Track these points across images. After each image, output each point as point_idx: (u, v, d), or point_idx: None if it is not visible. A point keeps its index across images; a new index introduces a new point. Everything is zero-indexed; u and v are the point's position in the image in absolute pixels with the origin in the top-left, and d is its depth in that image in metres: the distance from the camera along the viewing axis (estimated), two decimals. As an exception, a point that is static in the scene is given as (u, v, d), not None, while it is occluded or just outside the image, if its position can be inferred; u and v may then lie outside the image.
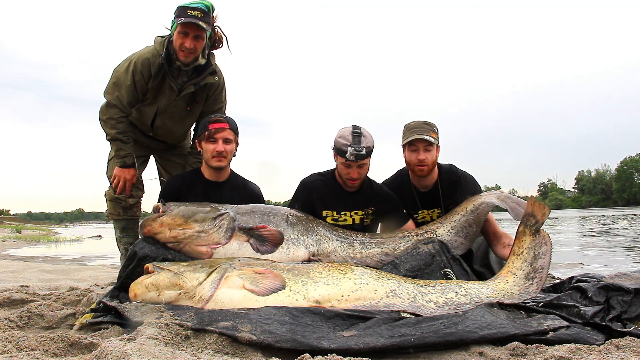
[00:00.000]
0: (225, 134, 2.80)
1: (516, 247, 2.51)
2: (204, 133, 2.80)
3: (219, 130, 2.79)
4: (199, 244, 2.49)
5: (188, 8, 2.95)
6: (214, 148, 2.78)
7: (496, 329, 1.88)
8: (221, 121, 2.82)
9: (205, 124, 2.84)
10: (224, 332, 1.77)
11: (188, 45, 3.00)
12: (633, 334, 1.89)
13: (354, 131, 2.79)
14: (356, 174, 2.83)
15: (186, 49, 3.01)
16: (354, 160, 2.76)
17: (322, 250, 2.67)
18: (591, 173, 76.89)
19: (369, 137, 2.81)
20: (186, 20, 2.92)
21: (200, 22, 2.94)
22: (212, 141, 2.78)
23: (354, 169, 2.82)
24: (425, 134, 2.92)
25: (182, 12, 2.95)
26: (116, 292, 2.35)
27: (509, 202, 2.86)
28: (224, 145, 2.79)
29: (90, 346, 1.72)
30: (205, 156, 2.83)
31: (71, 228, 42.39)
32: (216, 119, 2.83)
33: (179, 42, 3.01)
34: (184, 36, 2.99)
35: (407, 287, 2.22)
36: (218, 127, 2.79)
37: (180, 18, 2.94)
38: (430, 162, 2.96)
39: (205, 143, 2.81)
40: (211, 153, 2.79)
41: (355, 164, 2.79)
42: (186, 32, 2.98)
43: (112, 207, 3.35)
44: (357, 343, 1.75)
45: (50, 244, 14.52)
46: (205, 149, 2.81)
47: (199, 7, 2.96)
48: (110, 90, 3.14)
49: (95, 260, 7.76)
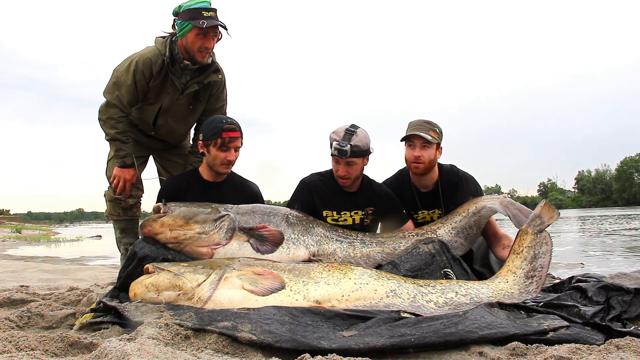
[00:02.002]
0: (237, 143, 2.80)
1: (516, 245, 2.51)
2: (217, 140, 2.75)
3: (232, 140, 2.77)
4: (199, 245, 2.49)
5: (202, 9, 2.96)
6: (225, 156, 2.77)
7: (496, 329, 1.88)
8: (235, 130, 2.79)
9: (218, 131, 2.75)
10: (224, 332, 1.77)
11: (210, 46, 3.03)
12: (633, 334, 1.89)
13: (347, 129, 2.80)
14: (344, 171, 2.82)
15: (207, 50, 3.03)
16: (338, 156, 2.77)
17: (323, 251, 2.68)
18: (591, 173, 76.90)
19: (362, 138, 2.79)
20: (209, 24, 2.94)
21: (218, 22, 2.98)
22: (224, 150, 2.77)
23: (342, 166, 2.82)
24: (423, 131, 2.93)
25: (197, 14, 2.96)
26: (116, 292, 2.35)
27: (511, 208, 2.84)
28: (235, 153, 2.81)
29: (90, 346, 1.72)
30: (214, 162, 2.80)
31: (71, 228, 42.38)
32: (230, 127, 2.77)
33: (199, 44, 3.01)
34: (204, 37, 3.00)
35: (407, 287, 2.22)
36: (232, 137, 2.77)
37: (199, 20, 2.94)
38: (426, 160, 2.95)
39: (216, 150, 2.77)
40: (221, 161, 2.78)
41: (342, 160, 2.79)
42: (207, 33, 3.00)
43: (112, 208, 3.35)
44: (357, 343, 1.76)
45: (50, 244, 14.53)
46: (216, 155, 2.78)
47: (210, 7, 2.99)
48: (110, 89, 3.13)
49: (95, 260, 7.76)
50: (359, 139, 2.78)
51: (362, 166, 2.88)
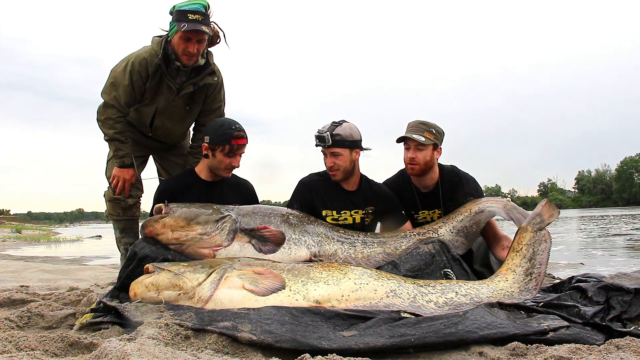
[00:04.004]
0: (243, 150, 2.83)
1: (516, 243, 2.52)
2: (225, 146, 2.74)
3: (240, 147, 2.79)
4: (201, 246, 2.48)
5: (188, 12, 2.91)
6: (230, 162, 2.79)
7: (496, 329, 1.88)
8: (243, 137, 2.80)
9: (227, 137, 2.74)
10: (224, 332, 1.77)
11: (192, 50, 2.98)
12: (633, 334, 1.89)
13: (334, 121, 2.86)
14: (330, 162, 2.84)
15: (190, 54, 3.00)
16: (319, 143, 2.83)
17: (324, 251, 2.67)
18: (591, 173, 76.90)
19: (346, 130, 2.82)
20: (189, 28, 2.89)
21: (203, 26, 2.92)
22: (231, 156, 2.78)
23: (328, 158, 2.85)
24: (418, 133, 2.93)
25: (182, 17, 2.92)
26: (116, 292, 2.35)
27: (514, 212, 2.82)
28: (239, 159, 2.83)
29: (90, 346, 1.72)
30: (218, 166, 2.81)
31: (71, 228, 42.41)
32: (239, 134, 2.78)
33: (182, 47, 2.98)
34: (186, 41, 2.96)
35: (407, 287, 2.22)
36: (240, 144, 2.78)
37: (182, 23, 2.90)
38: (421, 162, 2.95)
39: (222, 155, 2.77)
40: (226, 166, 2.80)
41: (327, 151, 2.84)
42: (189, 38, 2.95)
43: (112, 208, 3.35)
44: (357, 343, 1.76)
45: (50, 244, 14.53)
46: (221, 160, 2.78)
47: (198, 10, 2.93)
48: (108, 90, 3.12)
49: (95, 260, 7.77)
50: (342, 129, 2.81)
51: (351, 159, 2.86)
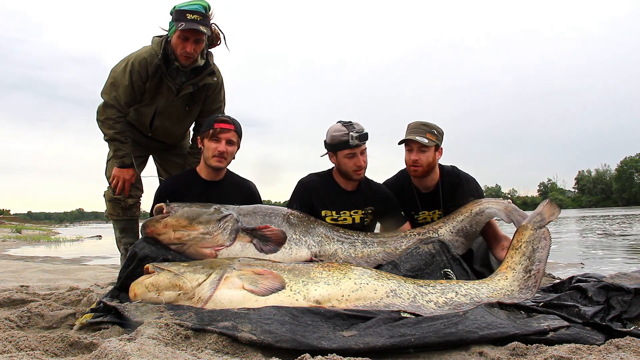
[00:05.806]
0: (229, 135, 2.78)
1: (515, 240, 2.52)
2: (208, 131, 2.77)
3: (224, 131, 2.76)
4: (203, 246, 2.48)
5: (187, 12, 2.91)
6: (215, 147, 2.75)
7: (496, 329, 1.88)
8: (227, 122, 2.79)
9: (211, 122, 2.80)
10: (224, 332, 1.77)
11: (189, 50, 2.98)
12: (633, 334, 1.89)
13: (343, 122, 2.86)
14: (362, 161, 2.85)
15: (187, 54, 3.00)
16: (359, 144, 2.80)
17: (324, 251, 2.67)
18: (591, 173, 76.94)
19: (360, 124, 2.87)
20: (187, 27, 2.89)
21: (201, 26, 2.91)
22: (215, 140, 2.75)
23: (358, 157, 2.83)
24: (420, 135, 2.92)
25: (181, 16, 2.92)
26: (116, 292, 2.35)
27: (515, 215, 2.83)
28: (227, 146, 2.77)
29: (90, 346, 1.72)
30: (206, 154, 2.80)
31: (71, 228, 42.38)
32: (223, 119, 2.80)
33: (180, 47, 2.98)
34: (184, 41, 2.96)
35: (407, 287, 2.22)
36: (223, 128, 2.76)
37: (180, 23, 2.90)
38: (424, 163, 2.95)
39: (208, 141, 2.77)
40: (212, 152, 2.76)
41: (358, 150, 2.82)
42: (187, 37, 2.95)
43: (112, 208, 3.35)
44: (357, 343, 1.75)
45: (50, 244, 14.52)
46: (207, 146, 2.78)
47: (197, 10, 2.93)
48: (108, 90, 3.12)
49: (95, 260, 7.76)
50: (360, 125, 2.86)
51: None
